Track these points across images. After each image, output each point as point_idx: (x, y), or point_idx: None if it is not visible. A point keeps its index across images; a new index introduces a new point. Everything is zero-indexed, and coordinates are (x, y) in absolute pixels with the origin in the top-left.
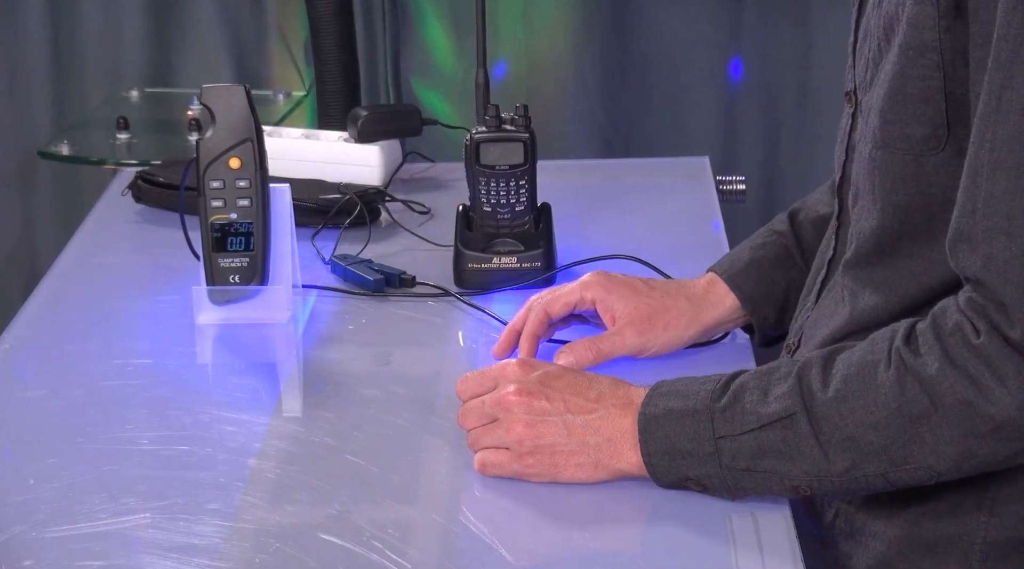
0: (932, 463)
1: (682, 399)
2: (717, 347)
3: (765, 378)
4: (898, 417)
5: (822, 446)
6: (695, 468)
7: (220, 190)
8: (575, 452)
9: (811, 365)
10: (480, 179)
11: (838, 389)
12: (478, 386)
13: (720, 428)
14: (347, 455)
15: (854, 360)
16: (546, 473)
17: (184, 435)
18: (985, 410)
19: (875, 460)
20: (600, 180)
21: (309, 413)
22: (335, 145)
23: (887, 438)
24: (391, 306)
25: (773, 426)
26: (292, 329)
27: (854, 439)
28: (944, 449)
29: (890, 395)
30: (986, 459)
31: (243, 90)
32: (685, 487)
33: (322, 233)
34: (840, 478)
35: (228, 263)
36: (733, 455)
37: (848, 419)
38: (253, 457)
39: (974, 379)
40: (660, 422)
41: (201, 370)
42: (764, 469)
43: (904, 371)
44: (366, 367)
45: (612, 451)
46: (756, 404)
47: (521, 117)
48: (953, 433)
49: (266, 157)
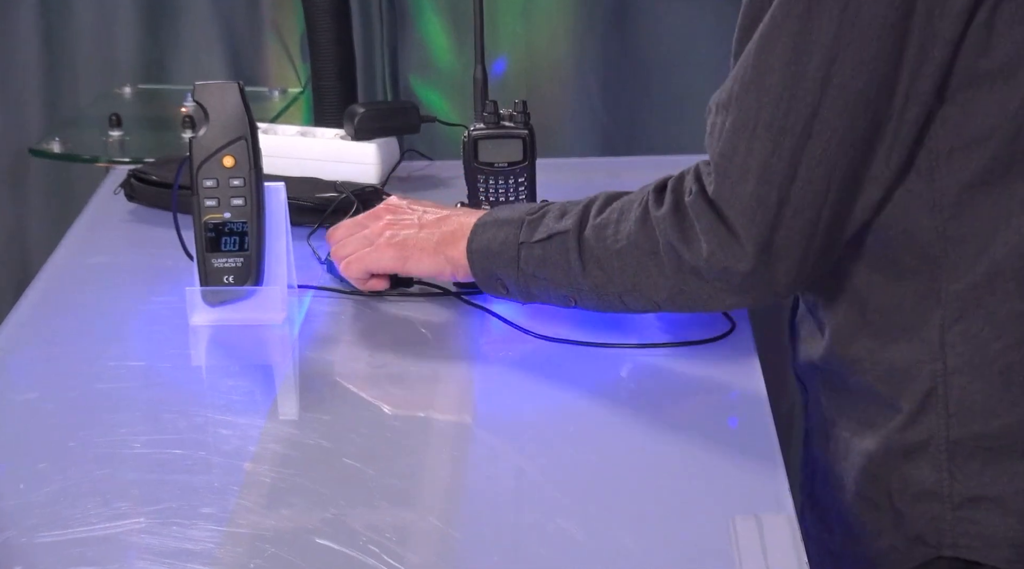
0: (652, 294)
1: (509, 210)
2: (718, 345)
3: (568, 205)
4: (634, 248)
5: (583, 262)
6: (501, 267)
7: (214, 189)
8: (421, 242)
9: (599, 198)
10: (478, 177)
11: (604, 217)
12: (352, 221)
13: (523, 235)
14: (343, 458)
15: (625, 197)
16: (398, 257)
17: (178, 438)
18: (684, 254)
19: (615, 282)
20: (601, 178)
21: (305, 415)
22: (331, 143)
23: (624, 265)
24: (388, 306)
25: (554, 239)
26: (287, 330)
27: (602, 261)
28: (661, 283)
29: (633, 228)
30: (693, 297)
31: (237, 87)
32: (495, 290)
33: (318, 233)
34: (591, 293)
35: (222, 263)
36: (526, 260)
37: (602, 243)
38: (248, 460)
39: (682, 228)
40: (487, 227)
41: (195, 372)
42: (545, 277)
43: (645, 212)
44: (363, 369)
45: (451, 240)
46: (551, 220)
47: (520, 113)
48: (667, 271)
49: (260, 155)
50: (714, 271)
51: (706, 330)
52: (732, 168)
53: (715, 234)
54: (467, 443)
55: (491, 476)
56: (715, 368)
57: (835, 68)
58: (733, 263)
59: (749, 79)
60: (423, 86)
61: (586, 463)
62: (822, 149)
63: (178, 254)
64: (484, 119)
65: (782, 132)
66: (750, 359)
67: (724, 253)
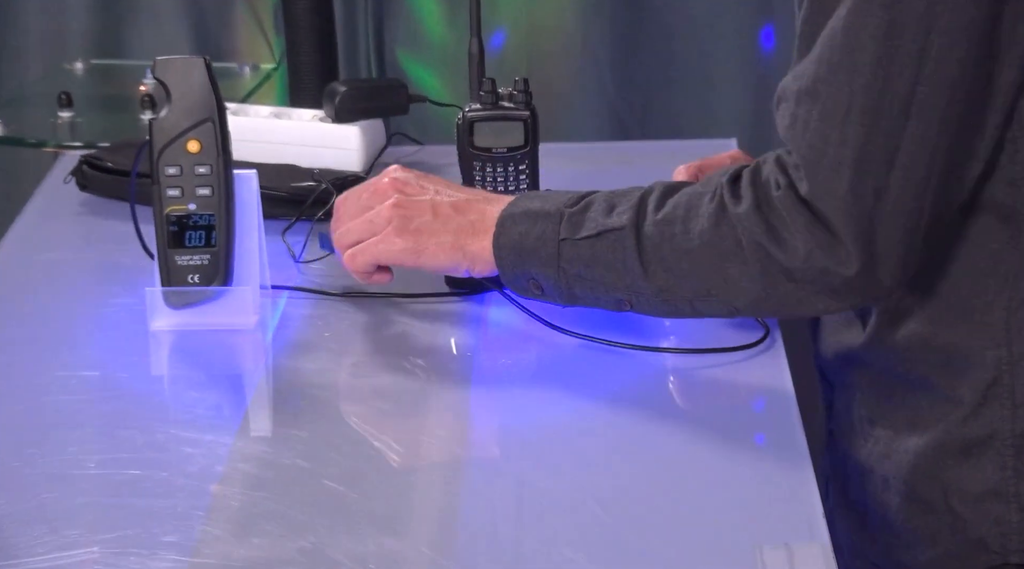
0: (731, 299)
1: (541, 201)
2: (748, 353)
3: (616, 196)
4: (709, 249)
5: (643, 264)
6: (537, 266)
7: (177, 177)
8: (437, 232)
9: (655, 190)
10: (474, 164)
11: (666, 213)
12: (355, 194)
13: (564, 231)
14: (323, 480)
15: (688, 190)
16: (410, 250)
17: (136, 458)
18: (776, 255)
19: (685, 286)
20: (611, 166)
21: (279, 432)
22: (309, 125)
23: (697, 267)
24: (373, 309)
25: (607, 236)
26: (260, 336)
27: (669, 262)
28: (744, 287)
29: (705, 227)
30: (779, 302)
31: (203, 63)
32: (527, 290)
33: (295, 227)
34: (654, 297)
35: (186, 261)
36: (570, 259)
37: (668, 243)
38: (215, 482)
39: (771, 226)
40: (516, 219)
41: (156, 383)
42: (593, 277)
43: (721, 208)
44: (345, 379)
45: (472, 232)
46: (599, 214)
47: (521, 92)
48: (752, 273)
49: (229, 139)
50: (811, 273)
51: (736, 335)
52: (825, 161)
53: (812, 233)
54: (462, 463)
55: (489, 499)
56: (740, 376)
57: (931, 39)
58: (835, 265)
59: (838, 60)
60: (412, 62)
61: (595, 485)
62: (922, 130)
63: (137, 251)
64: (480, 99)
65: (877, 115)
66: (779, 366)
67: (824, 254)
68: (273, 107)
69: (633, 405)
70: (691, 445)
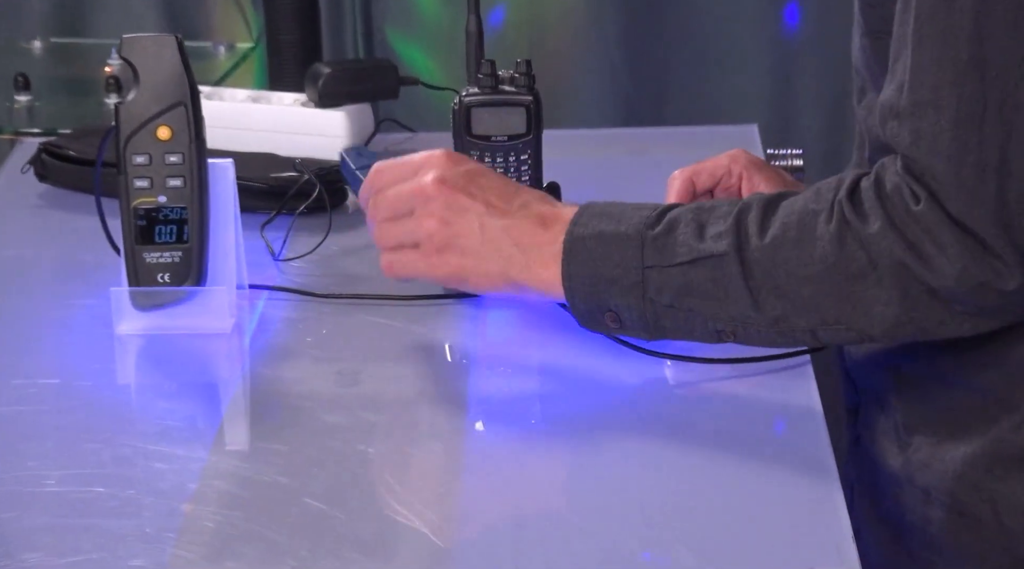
0: (864, 325)
1: (614, 222)
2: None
3: (704, 213)
4: (834, 273)
5: (752, 292)
6: (617, 297)
7: (145, 167)
8: (485, 258)
9: (751, 207)
10: (472, 153)
11: (775, 236)
12: (397, 175)
13: (649, 257)
14: (305, 498)
15: (796, 208)
16: (454, 276)
17: (101, 474)
18: (922, 274)
19: (806, 315)
20: (622, 154)
21: (257, 446)
22: (290, 110)
23: (821, 294)
24: (360, 311)
25: (704, 263)
26: (236, 341)
27: (786, 290)
28: (878, 311)
29: (828, 249)
30: (920, 325)
31: (174, 41)
32: (601, 324)
33: (275, 221)
34: (767, 328)
35: (156, 258)
36: (659, 288)
37: (782, 268)
38: (187, 501)
39: (913, 244)
40: (587, 244)
41: (122, 392)
42: (689, 307)
43: (845, 227)
44: (329, 388)
45: (523, 263)
46: (690, 237)
47: (523, 75)
48: (889, 295)
49: (203, 125)
50: (964, 290)
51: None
52: (966, 170)
53: (965, 247)
54: (458, 482)
55: (487, 525)
56: (760, 382)
57: None
58: (993, 279)
59: (966, 59)
60: (403, 41)
61: (603, 503)
62: None
63: (101, 247)
64: (479, 82)
65: (1017, 110)
66: (802, 372)
67: (981, 269)
68: (251, 90)
69: (644, 416)
70: (707, 459)
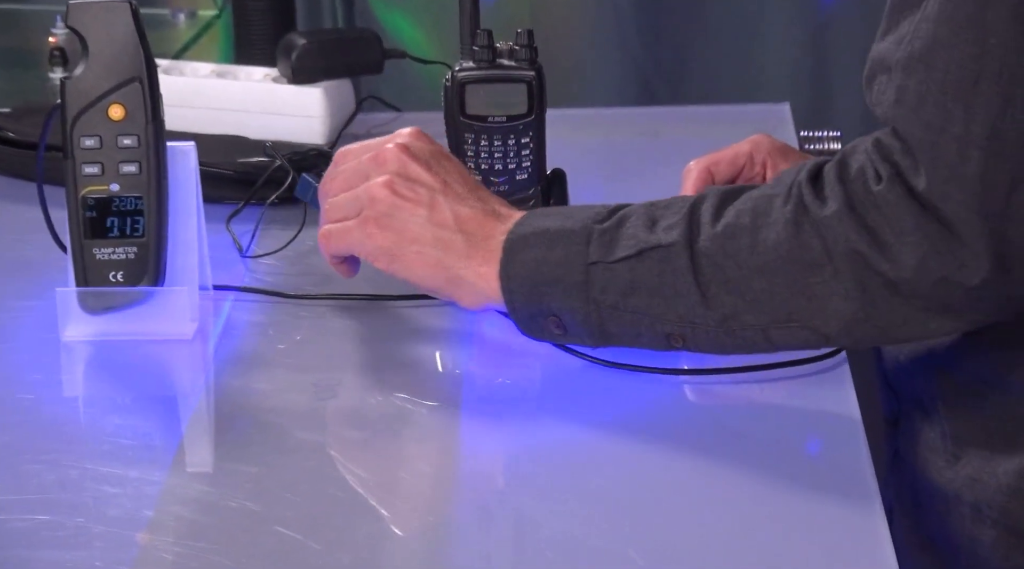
0: (819, 324)
1: (561, 218)
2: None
3: (659, 208)
4: (787, 263)
5: (700, 287)
6: (559, 299)
7: (96, 151)
8: (424, 240)
9: (708, 197)
10: (466, 136)
11: (727, 223)
12: (360, 151)
13: (595, 252)
14: (276, 526)
15: (754, 195)
16: (384, 252)
17: (44, 499)
18: (878, 264)
19: (756, 311)
20: (635, 136)
21: (223, 467)
22: (260, 87)
23: (773, 286)
24: (340, 314)
25: (650, 255)
26: (199, 348)
27: (736, 283)
28: (834, 307)
29: (782, 236)
30: (879, 324)
31: (128, 8)
32: (545, 331)
33: (243, 213)
34: (716, 328)
35: (108, 255)
36: (603, 287)
37: (732, 259)
38: (143, 530)
39: (871, 229)
40: (529, 242)
41: (69, 406)
42: (634, 308)
43: (801, 210)
44: (304, 402)
45: (464, 252)
46: (637, 228)
47: (524, 47)
48: (846, 289)
49: (161, 104)
50: (925, 285)
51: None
52: (946, 142)
53: (926, 234)
54: (448, 504)
55: (483, 555)
56: (789, 392)
57: None
58: (956, 272)
59: (962, 17)
60: (388, 8)
61: (615, 535)
62: None
63: (45, 242)
64: (474, 55)
65: (1014, 81)
66: (839, 378)
67: (942, 260)
68: (215, 64)
69: (660, 432)
70: (731, 479)
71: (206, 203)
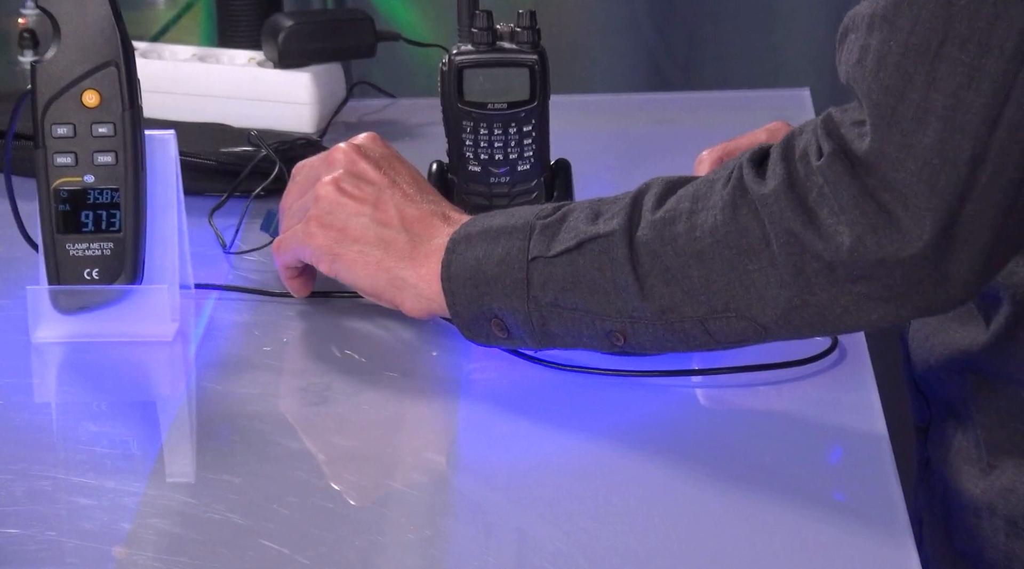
0: (756, 313)
1: (506, 217)
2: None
3: (605, 202)
4: (724, 247)
5: (639, 279)
6: (500, 299)
7: (69, 140)
8: (365, 238)
9: (652, 186)
10: (464, 124)
11: (667, 209)
12: (311, 165)
13: (535, 247)
14: (261, 540)
15: (698, 180)
16: (326, 252)
17: (15, 512)
18: (813, 246)
19: (694, 302)
20: (646, 123)
21: (205, 477)
22: (244, 71)
23: (710, 273)
24: (330, 314)
25: (589, 247)
26: (179, 350)
27: (674, 273)
28: (772, 295)
29: (719, 219)
30: (818, 311)
31: None
32: (489, 335)
33: (226, 206)
34: (655, 322)
35: (82, 251)
36: (543, 284)
37: (670, 246)
38: (120, 544)
39: (808, 209)
40: (472, 240)
41: (40, 412)
42: (574, 306)
43: (740, 192)
44: (292, 407)
45: (406, 250)
46: (580, 221)
47: (526, 29)
48: (781, 274)
49: (139, 89)
50: (861, 266)
51: (795, 348)
52: (903, 108)
53: (863, 211)
54: (444, 518)
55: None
56: (812, 401)
57: None
58: (893, 249)
59: None
60: None
61: (623, 553)
62: None
63: (15, 237)
64: (473, 38)
65: (983, 50)
66: (861, 384)
67: (878, 238)
68: (196, 47)
69: (670, 441)
70: (747, 490)
71: (187, 196)
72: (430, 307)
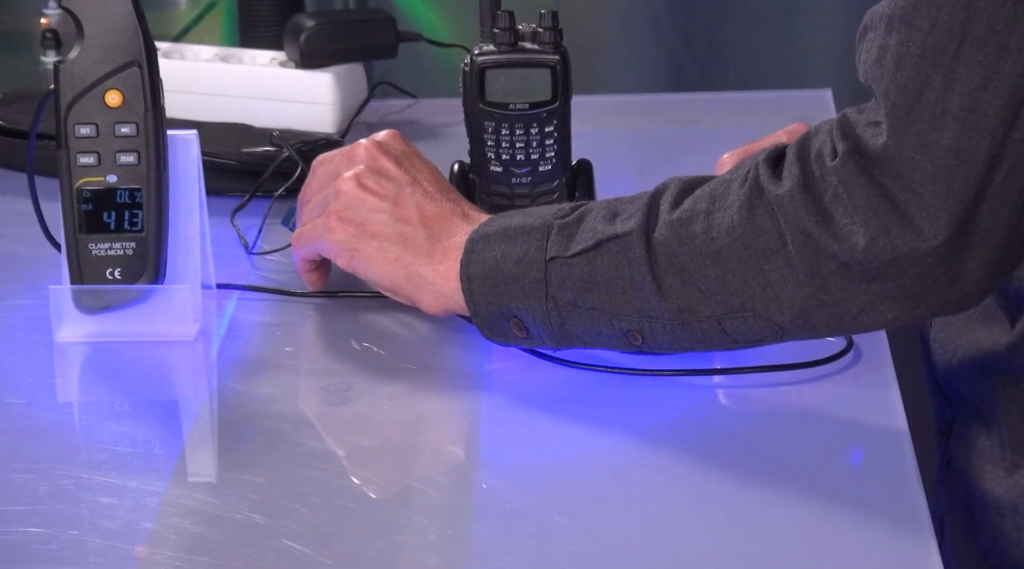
0: (773, 313)
1: (524, 216)
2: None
3: (623, 202)
4: (741, 247)
5: (656, 278)
6: (518, 298)
7: (92, 140)
8: (384, 234)
9: (670, 186)
10: (486, 124)
11: (685, 209)
12: (331, 159)
13: (553, 247)
14: (284, 540)
15: (715, 180)
16: (344, 247)
17: (36, 510)
18: (829, 246)
19: (711, 301)
20: (668, 125)
21: (227, 477)
22: (266, 72)
23: (726, 273)
24: (351, 313)
25: (607, 247)
26: (201, 349)
27: (692, 272)
28: (789, 294)
29: (736, 219)
30: (835, 311)
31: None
32: (508, 335)
33: (248, 206)
34: (673, 322)
35: (104, 250)
36: (561, 283)
37: (687, 246)
38: (142, 543)
39: (823, 209)
40: (491, 241)
41: (63, 412)
42: (592, 305)
43: (757, 192)
44: (313, 407)
45: (425, 247)
46: (597, 221)
47: (548, 30)
48: (797, 274)
49: (161, 90)
50: (876, 266)
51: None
52: (921, 108)
53: (878, 211)
54: (466, 518)
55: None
56: (833, 401)
57: None
58: (908, 249)
59: None
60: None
61: (642, 553)
62: None
63: (37, 237)
64: (495, 38)
65: (1001, 52)
66: (882, 383)
67: (893, 238)
68: (218, 47)
69: (690, 443)
70: (767, 491)
71: (209, 196)
72: (447, 304)
